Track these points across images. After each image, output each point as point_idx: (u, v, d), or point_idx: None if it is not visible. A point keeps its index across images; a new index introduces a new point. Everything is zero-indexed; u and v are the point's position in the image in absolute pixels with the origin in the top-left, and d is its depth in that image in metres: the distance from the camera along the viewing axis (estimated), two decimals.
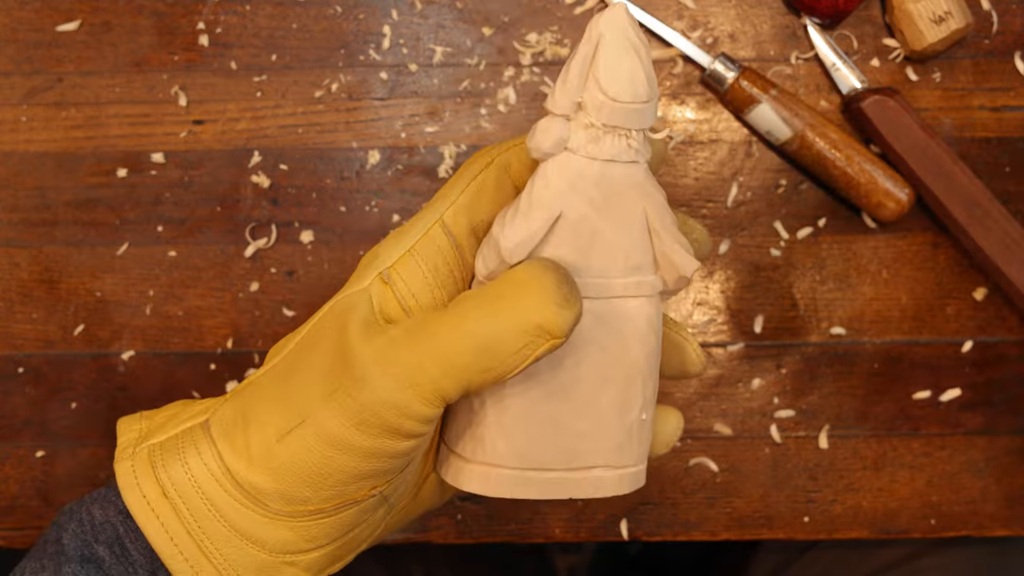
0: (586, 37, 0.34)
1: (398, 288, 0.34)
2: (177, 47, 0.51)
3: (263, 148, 0.51)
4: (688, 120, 0.51)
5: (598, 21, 0.34)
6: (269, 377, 0.35)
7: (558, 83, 0.35)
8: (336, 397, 0.32)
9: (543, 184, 0.34)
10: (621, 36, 0.34)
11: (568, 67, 0.34)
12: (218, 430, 0.34)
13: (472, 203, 0.35)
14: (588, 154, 0.34)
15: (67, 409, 0.51)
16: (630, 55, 0.34)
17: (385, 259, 0.35)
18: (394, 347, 0.32)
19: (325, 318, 0.35)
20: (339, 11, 0.51)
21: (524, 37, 0.51)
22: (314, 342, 0.34)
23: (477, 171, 0.36)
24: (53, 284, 0.51)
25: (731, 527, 0.51)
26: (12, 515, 0.51)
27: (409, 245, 0.35)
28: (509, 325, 0.32)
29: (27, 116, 0.51)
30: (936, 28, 0.48)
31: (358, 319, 0.33)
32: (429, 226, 0.35)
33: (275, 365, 0.35)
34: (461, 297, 0.33)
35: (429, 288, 0.35)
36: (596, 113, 0.34)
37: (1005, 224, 0.48)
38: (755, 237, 0.51)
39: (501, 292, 0.33)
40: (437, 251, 0.35)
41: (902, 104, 0.48)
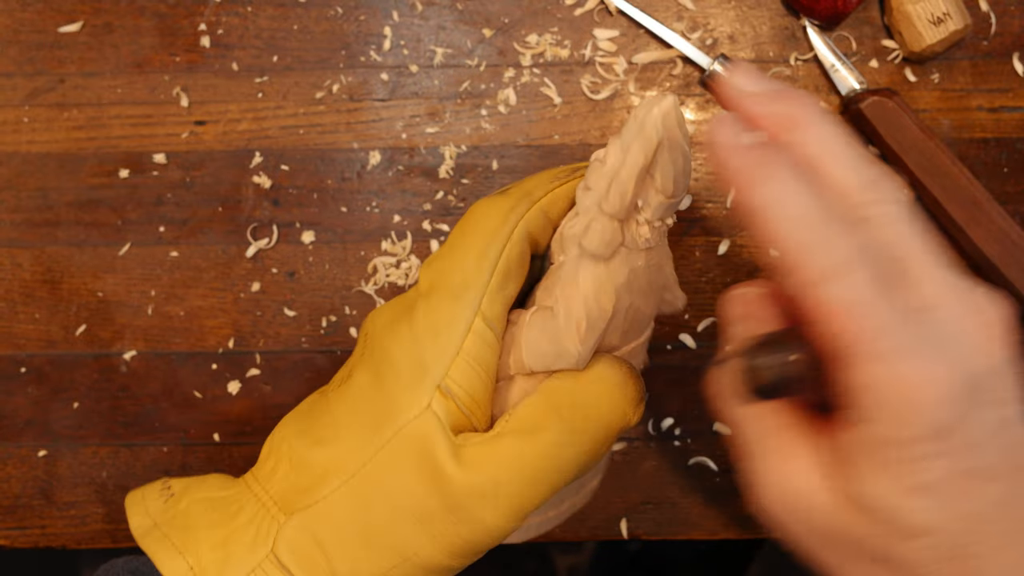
0: (642, 139, 0.33)
1: (459, 398, 0.33)
2: (179, 48, 0.51)
3: (264, 149, 0.51)
4: (688, 120, 0.51)
5: (657, 122, 0.33)
6: (341, 507, 0.33)
7: (611, 188, 0.34)
8: (445, 539, 0.32)
9: (601, 288, 0.34)
10: (679, 136, 0.33)
11: (622, 171, 0.33)
12: (295, 563, 0.33)
13: (503, 285, 0.34)
14: (639, 247, 0.35)
15: (69, 409, 0.51)
16: (684, 152, 0.34)
17: (436, 369, 0.33)
18: (498, 486, 0.32)
19: (397, 448, 0.33)
20: (340, 12, 0.51)
21: (524, 38, 0.51)
22: (393, 474, 0.33)
23: (500, 248, 0.34)
24: (55, 284, 0.51)
25: (731, 526, 0.51)
26: (14, 515, 0.51)
27: (457, 346, 0.33)
28: (602, 439, 0.33)
29: (29, 117, 0.51)
30: (935, 29, 0.48)
31: (444, 452, 0.32)
32: (471, 322, 0.34)
33: (342, 492, 0.33)
34: (543, 418, 0.33)
35: (484, 384, 0.34)
36: (654, 212, 0.35)
37: (1003, 225, 0.48)
38: (755, 237, 0.51)
39: (588, 409, 0.33)
40: (485, 346, 0.34)
41: (901, 105, 0.48)
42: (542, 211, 0.36)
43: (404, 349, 0.34)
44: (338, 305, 0.51)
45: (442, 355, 0.33)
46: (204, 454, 0.51)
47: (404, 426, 0.33)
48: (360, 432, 0.34)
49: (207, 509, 0.35)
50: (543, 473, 0.32)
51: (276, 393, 0.51)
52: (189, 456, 0.51)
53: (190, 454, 0.51)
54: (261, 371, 0.51)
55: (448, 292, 0.34)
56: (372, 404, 0.34)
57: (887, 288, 0.26)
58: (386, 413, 0.33)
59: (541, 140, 0.51)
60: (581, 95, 0.51)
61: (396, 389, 0.33)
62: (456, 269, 0.34)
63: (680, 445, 0.51)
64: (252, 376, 0.51)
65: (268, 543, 0.33)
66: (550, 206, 0.36)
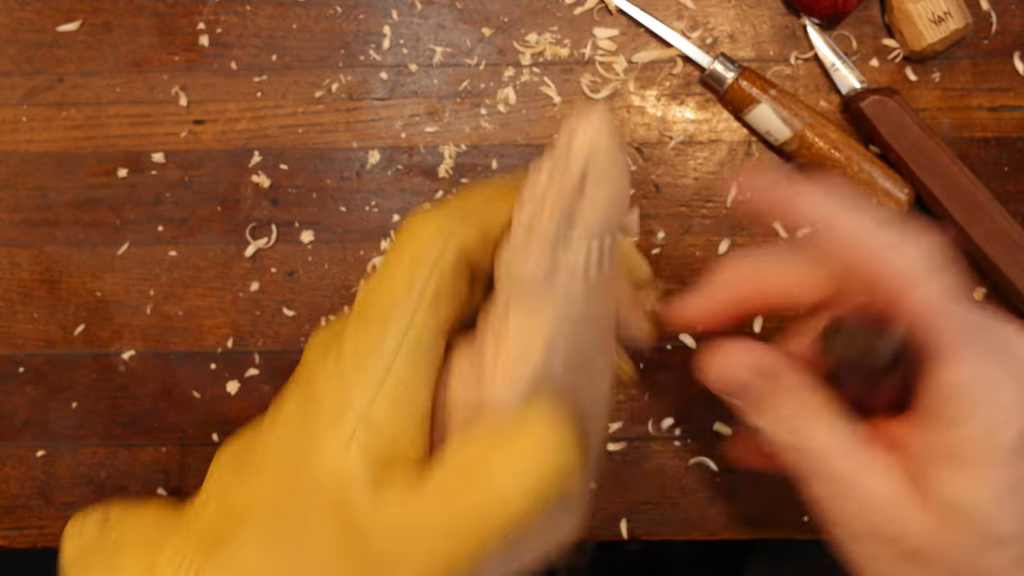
0: (568, 160, 0.31)
1: (383, 429, 0.30)
2: (177, 47, 0.51)
3: (263, 148, 0.51)
4: (688, 120, 0.51)
5: (583, 143, 0.31)
6: (254, 556, 0.30)
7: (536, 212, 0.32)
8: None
9: (532, 323, 0.31)
10: (606, 157, 0.31)
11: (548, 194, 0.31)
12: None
13: (433, 307, 0.31)
14: (577, 274, 0.32)
15: (68, 409, 0.51)
16: (617, 171, 0.32)
17: (358, 398, 0.30)
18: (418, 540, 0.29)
19: (312, 489, 0.30)
20: (339, 11, 0.51)
21: (524, 37, 0.51)
22: (305, 519, 0.30)
23: (430, 267, 0.31)
24: (54, 284, 0.51)
25: (730, 527, 0.51)
26: (13, 515, 0.51)
27: (383, 373, 0.30)
28: (539, 499, 0.29)
29: (28, 116, 0.51)
30: (935, 28, 0.48)
31: (362, 499, 0.29)
32: (398, 347, 0.31)
33: (257, 540, 0.30)
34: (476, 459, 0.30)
35: (412, 415, 0.31)
36: (588, 230, 0.32)
37: (1004, 224, 0.48)
38: (755, 237, 0.51)
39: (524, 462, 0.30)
40: (415, 374, 0.31)
41: (901, 104, 0.48)
42: (478, 229, 0.32)
43: (328, 378, 0.31)
44: (337, 305, 0.51)
45: (366, 386, 0.30)
46: (203, 454, 0.51)
47: (321, 464, 0.30)
48: (278, 467, 0.31)
49: (134, 543, 0.33)
50: (469, 530, 0.29)
51: (275, 393, 0.51)
52: (188, 456, 0.51)
53: (189, 454, 0.51)
54: (260, 371, 0.51)
55: (376, 315, 0.31)
56: (294, 434, 0.31)
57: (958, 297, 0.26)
58: (305, 449, 0.31)
59: (541, 139, 0.51)
60: (581, 94, 0.51)
61: (317, 419, 0.31)
62: (385, 290, 0.32)
63: (680, 445, 0.51)
64: (251, 376, 0.51)
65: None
66: (489, 223, 0.33)
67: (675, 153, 0.51)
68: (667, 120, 0.51)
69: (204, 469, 0.52)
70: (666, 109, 0.51)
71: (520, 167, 0.51)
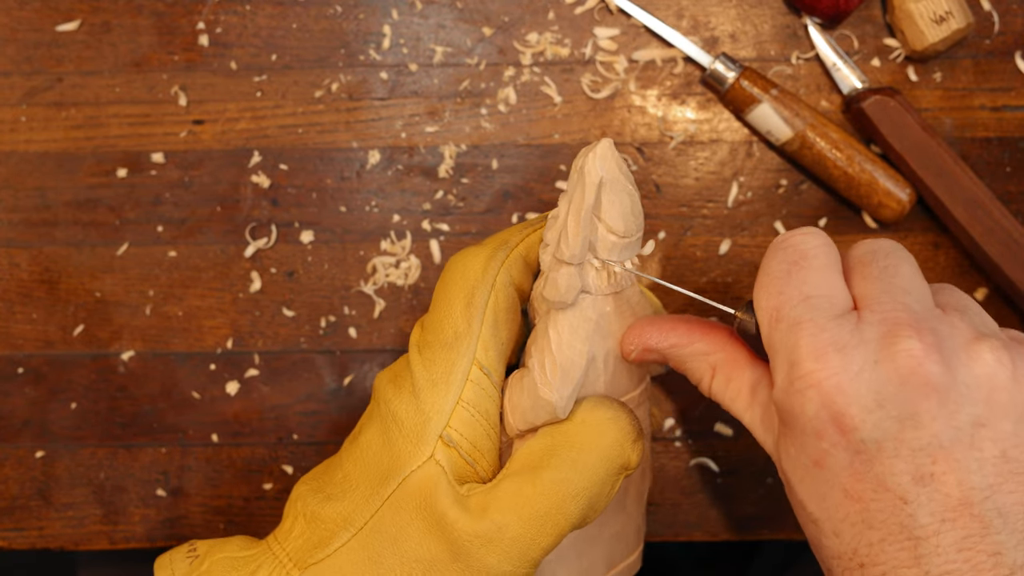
0: (585, 184, 0.34)
1: (462, 447, 0.34)
2: (177, 47, 0.51)
3: (263, 148, 0.51)
4: (688, 120, 0.50)
5: (594, 165, 0.34)
6: (350, 561, 0.34)
7: (561, 235, 0.35)
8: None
9: (571, 332, 0.35)
10: (618, 175, 0.35)
11: (568, 217, 0.35)
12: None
13: (495, 332, 0.35)
14: (604, 292, 0.36)
15: (67, 409, 0.51)
16: (629, 190, 0.35)
17: (437, 419, 0.34)
18: (506, 530, 0.33)
19: (402, 499, 0.34)
20: (339, 11, 0.51)
21: (524, 37, 0.51)
22: (399, 526, 0.34)
23: (485, 298, 0.35)
24: (53, 284, 0.51)
25: (732, 528, 0.51)
26: (12, 516, 0.51)
27: (456, 396, 0.34)
28: (602, 474, 0.34)
29: (27, 116, 0.51)
30: (937, 28, 0.48)
31: (447, 501, 0.33)
32: (467, 371, 0.35)
33: (350, 547, 0.34)
34: (544, 456, 0.34)
35: (487, 435, 0.35)
36: (608, 253, 0.35)
37: (1006, 224, 0.48)
38: (755, 237, 0.50)
39: (583, 445, 0.34)
40: (484, 395, 0.35)
41: (903, 104, 0.48)
42: (521, 257, 0.37)
43: (405, 403, 0.35)
44: (337, 305, 0.51)
45: (442, 405, 0.34)
46: (202, 455, 0.51)
47: (408, 477, 0.34)
48: (367, 486, 0.35)
49: (228, 568, 0.36)
50: (545, 512, 0.33)
51: (275, 393, 0.51)
52: (187, 457, 0.51)
53: (188, 455, 0.51)
54: (260, 371, 0.51)
55: (441, 344, 0.35)
56: (378, 458, 0.35)
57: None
58: (391, 466, 0.34)
59: (541, 139, 0.50)
60: (581, 94, 0.51)
61: (399, 442, 0.34)
62: (445, 322, 0.35)
63: (681, 446, 0.50)
64: (251, 376, 0.51)
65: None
66: (528, 252, 0.37)
67: (676, 153, 0.51)
68: (668, 120, 0.51)
69: (204, 470, 0.52)
70: (667, 109, 0.51)
71: (521, 167, 0.51)
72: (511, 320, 0.36)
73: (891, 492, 0.30)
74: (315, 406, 0.51)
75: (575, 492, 0.33)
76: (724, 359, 0.36)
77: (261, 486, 0.51)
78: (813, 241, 0.34)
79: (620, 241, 0.35)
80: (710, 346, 0.36)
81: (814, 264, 0.33)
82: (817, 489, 0.31)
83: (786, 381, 0.32)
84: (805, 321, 0.32)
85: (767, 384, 0.35)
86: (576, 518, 0.33)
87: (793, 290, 0.33)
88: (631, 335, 0.37)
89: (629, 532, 0.40)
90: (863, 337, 0.31)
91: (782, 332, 0.32)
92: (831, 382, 0.30)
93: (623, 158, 0.36)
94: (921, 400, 0.30)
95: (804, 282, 0.33)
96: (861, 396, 0.30)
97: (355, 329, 0.51)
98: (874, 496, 0.30)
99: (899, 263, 0.34)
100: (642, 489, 0.41)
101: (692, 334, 0.37)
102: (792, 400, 0.31)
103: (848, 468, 0.31)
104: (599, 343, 0.36)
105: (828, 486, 0.31)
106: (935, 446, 0.30)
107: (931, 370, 0.30)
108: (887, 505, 0.30)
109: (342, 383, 0.51)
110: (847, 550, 0.31)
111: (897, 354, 0.30)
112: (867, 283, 0.33)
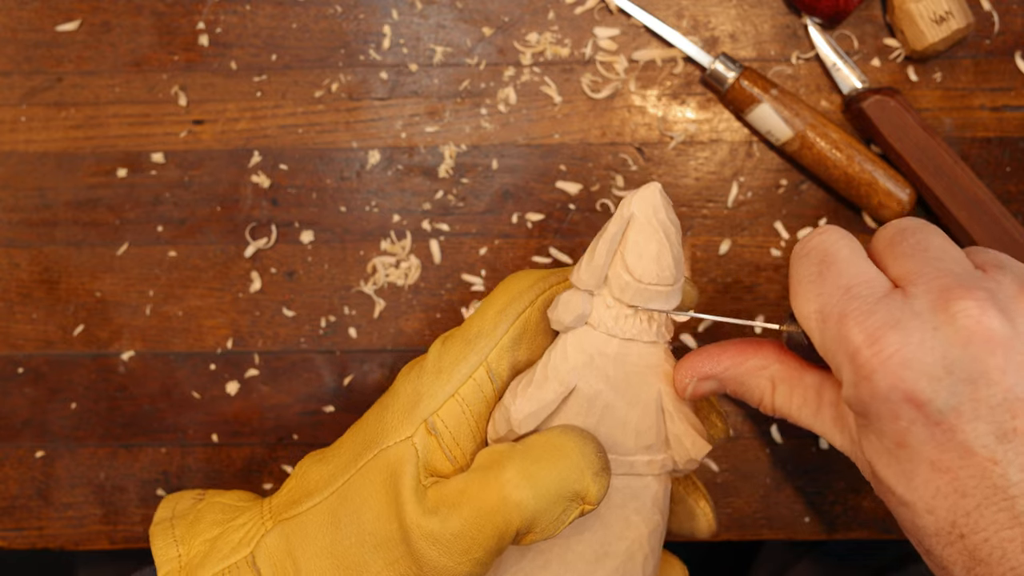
0: (617, 215, 0.34)
1: (444, 439, 0.35)
2: (177, 47, 0.51)
3: (263, 148, 0.51)
4: (689, 120, 0.50)
5: (631, 200, 0.34)
6: (316, 521, 0.34)
7: (584, 258, 0.35)
8: (397, 567, 0.33)
9: (561, 357, 0.35)
10: (652, 218, 0.34)
11: (596, 243, 0.35)
12: (267, 570, 0.34)
13: (515, 344, 0.36)
14: (609, 331, 0.35)
15: (67, 409, 0.51)
16: (659, 237, 0.34)
17: (429, 403, 0.35)
18: (448, 524, 0.33)
19: (372, 469, 0.34)
20: (339, 11, 0.51)
21: (524, 37, 0.51)
22: (363, 496, 0.34)
23: (521, 308, 0.36)
24: (53, 284, 0.51)
25: (732, 528, 0.51)
26: (12, 515, 0.51)
27: (454, 389, 0.35)
28: (553, 492, 0.33)
29: (27, 116, 0.51)
30: (937, 28, 0.48)
31: (408, 485, 0.34)
32: (474, 369, 0.35)
33: (319, 507, 0.35)
34: (500, 459, 0.33)
35: (472, 435, 0.35)
36: (620, 292, 0.34)
37: (1006, 224, 0.48)
38: (756, 237, 0.50)
39: (541, 458, 0.33)
40: (482, 398, 0.35)
41: (903, 104, 0.48)
42: (567, 287, 0.37)
43: (407, 383, 0.35)
44: (337, 305, 0.51)
45: (437, 392, 0.35)
46: (202, 455, 0.51)
47: (384, 449, 0.34)
48: (352, 452, 0.35)
49: (218, 511, 0.37)
50: (485, 512, 0.32)
51: (275, 393, 0.51)
52: (187, 457, 0.51)
53: (188, 455, 0.51)
54: (260, 371, 0.51)
55: (461, 338, 0.35)
56: (369, 428, 0.35)
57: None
58: (375, 436, 0.35)
59: (541, 139, 0.50)
60: (581, 94, 0.51)
61: (388, 415, 0.35)
62: (475, 320, 0.36)
63: None
64: (251, 376, 0.51)
65: (250, 546, 0.35)
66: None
67: (676, 153, 0.51)
68: (668, 120, 0.51)
69: (204, 469, 0.52)
70: (667, 109, 0.51)
71: (521, 167, 0.51)
72: (536, 342, 0.36)
73: (978, 456, 0.30)
74: (315, 406, 0.51)
75: (519, 500, 0.32)
76: (782, 370, 0.36)
77: (261, 486, 0.51)
78: (832, 237, 0.34)
79: (635, 284, 0.34)
80: (765, 359, 0.36)
81: (840, 257, 0.33)
82: (903, 470, 0.31)
83: (851, 375, 0.31)
84: (851, 311, 0.31)
85: (831, 385, 0.35)
86: (517, 526, 0.33)
87: (830, 287, 0.32)
88: (682, 369, 0.36)
89: None
90: (914, 309, 0.31)
91: (832, 330, 0.32)
92: (895, 360, 0.30)
93: (670, 209, 0.35)
94: (988, 357, 0.30)
95: (839, 276, 0.32)
96: (928, 366, 0.30)
97: (355, 329, 0.51)
98: (962, 463, 0.30)
99: (929, 236, 0.33)
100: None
101: (744, 352, 0.36)
102: (861, 391, 0.31)
103: (930, 441, 0.30)
104: (590, 380, 0.35)
105: (913, 464, 0.31)
106: (1012, 400, 0.30)
107: (991, 325, 0.30)
108: (976, 470, 0.30)
109: (342, 383, 0.51)
110: (944, 525, 0.30)
111: (955, 317, 0.30)
112: (902, 261, 0.33)
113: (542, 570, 0.36)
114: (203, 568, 0.35)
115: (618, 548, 0.36)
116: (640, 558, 0.36)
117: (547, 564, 0.36)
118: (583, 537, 0.35)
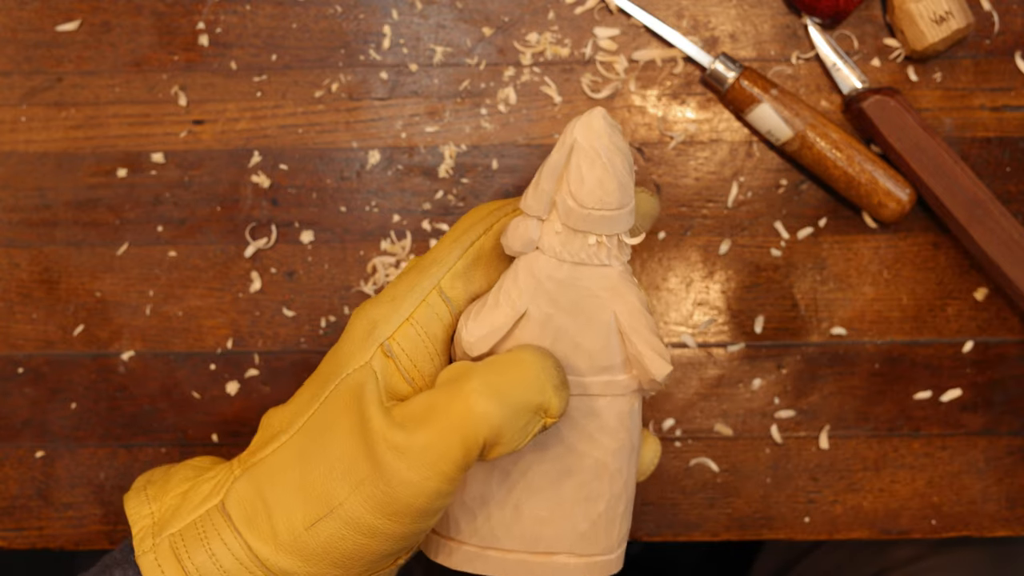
0: (560, 141, 0.35)
1: (401, 361, 0.35)
2: (177, 47, 0.51)
3: (263, 148, 0.51)
4: (688, 120, 0.50)
5: (573, 126, 0.34)
6: (282, 459, 0.35)
7: (531, 185, 0.35)
8: (364, 489, 0.33)
9: (512, 281, 0.35)
10: (594, 142, 0.34)
11: (541, 170, 0.35)
12: (239, 515, 0.34)
13: (469, 270, 0.36)
14: (557, 256, 0.35)
15: (67, 409, 0.51)
16: (601, 162, 0.34)
17: (383, 328, 0.35)
18: (415, 437, 0.33)
19: (334, 398, 0.35)
20: (339, 11, 0.51)
21: (524, 37, 0.51)
22: (326, 424, 0.34)
23: (476, 236, 0.36)
24: (53, 284, 0.51)
25: (732, 528, 0.51)
26: (12, 515, 0.51)
27: (407, 313, 0.35)
28: (516, 403, 0.33)
29: (27, 116, 0.51)
30: (937, 28, 0.48)
31: (371, 403, 0.34)
32: (427, 293, 0.35)
33: (286, 445, 0.35)
34: (464, 373, 0.34)
35: (430, 356, 0.35)
36: (565, 217, 0.35)
37: (1006, 224, 0.48)
38: (756, 237, 0.50)
39: (504, 371, 0.33)
40: (436, 319, 0.35)
41: (903, 104, 0.48)
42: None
43: (364, 314, 0.36)
44: (337, 305, 0.51)
45: (391, 317, 0.35)
46: (203, 455, 0.51)
47: (344, 378, 0.35)
48: (311, 391, 0.36)
49: (190, 470, 0.37)
50: (452, 425, 0.32)
51: (275, 393, 0.51)
52: (187, 457, 0.51)
53: (188, 455, 0.51)
54: (260, 371, 0.51)
55: (416, 268, 0.36)
56: (327, 364, 0.36)
57: None
58: (334, 369, 0.35)
59: (541, 139, 0.50)
60: (581, 94, 0.51)
61: (346, 347, 0.35)
62: (431, 251, 0.36)
63: (681, 446, 0.50)
64: (251, 377, 0.51)
65: (220, 495, 0.35)
66: None
67: (676, 153, 0.51)
68: (668, 120, 0.51)
69: None
70: (667, 109, 0.51)
71: (521, 167, 0.51)
72: (493, 269, 0.36)
73: None
74: None
75: (485, 410, 0.32)
76: None
77: None
78: None
79: (579, 209, 0.34)
80: None
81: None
82: None
83: None
84: None
85: None
86: (484, 436, 0.33)
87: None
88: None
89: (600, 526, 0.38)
90: None
91: None
92: None
93: (616, 134, 0.34)
94: None
95: None
96: None
97: None
98: None
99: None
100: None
101: None
102: None
103: None
104: (541, 304, 0.35)
105: None
106: None
107: None
108: None
109: None
110: None
111: None
112: None
113: (507, 492, 0.36)
114: (175, 520, 0.35)
115: (581, 465, 0.36)
116: (606, 476, 0.37)
117: (512, 486, 0.36)
118: (546, 455, 0.36)
